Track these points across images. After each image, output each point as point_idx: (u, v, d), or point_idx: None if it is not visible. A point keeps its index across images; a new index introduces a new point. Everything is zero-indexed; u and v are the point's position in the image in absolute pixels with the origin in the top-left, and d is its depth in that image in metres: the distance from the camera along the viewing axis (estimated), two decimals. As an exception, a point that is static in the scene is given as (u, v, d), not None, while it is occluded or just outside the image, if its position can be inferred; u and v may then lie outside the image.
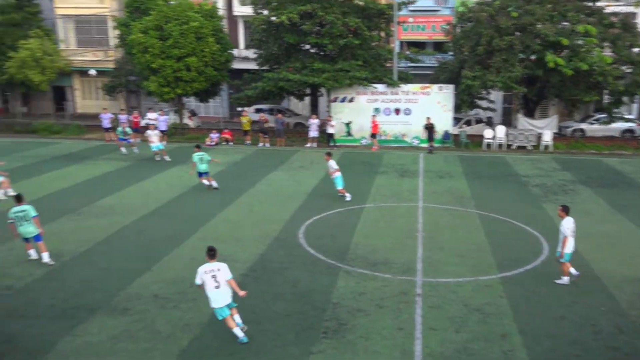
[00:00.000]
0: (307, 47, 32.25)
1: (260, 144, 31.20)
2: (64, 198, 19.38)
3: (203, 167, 20.57)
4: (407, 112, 31.06)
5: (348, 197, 19.17)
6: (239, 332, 9.77)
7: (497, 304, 11.41)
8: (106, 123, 31.67)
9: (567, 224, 12.19)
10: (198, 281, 9.71)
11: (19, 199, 13.36)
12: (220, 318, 9.83)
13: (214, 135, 31.61)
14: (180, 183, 21.78)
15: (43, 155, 27.75)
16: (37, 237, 13.23)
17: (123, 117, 31.65)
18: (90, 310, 10.91)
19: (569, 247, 12.20)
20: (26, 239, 13.27)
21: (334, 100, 31.54)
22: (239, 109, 36.29)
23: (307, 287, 12.14)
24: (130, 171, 24.08)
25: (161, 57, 31.20)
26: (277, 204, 18.82)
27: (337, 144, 30.81)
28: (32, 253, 13.45)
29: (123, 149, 28.04)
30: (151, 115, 32.34)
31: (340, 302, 11.42)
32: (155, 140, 26.30)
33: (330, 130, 30.56)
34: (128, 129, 28.73)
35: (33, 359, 9.17)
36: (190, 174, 21.18)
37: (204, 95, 34.80)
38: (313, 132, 30.88)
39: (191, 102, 41.14)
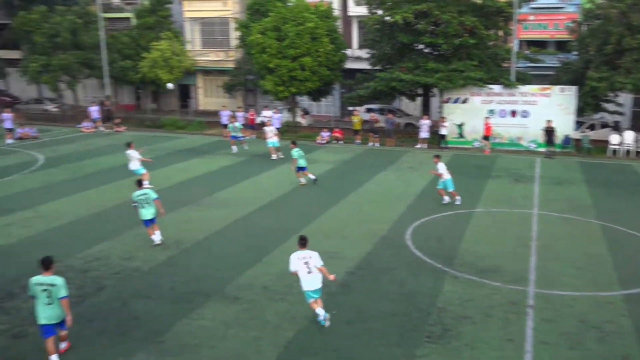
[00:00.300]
0: (421, 46, 31.78)
1: (370, 144, 31.24)
2: (186, 189, 20.64)
3: (302, 162, 21.10)
4: (525, 114, 29.63)
5: (458, 200, 18.69)
6: (321, 312, 10.24)
7: (619, 322, 10.60)
8: (225, 120, 33.25)
9: None
10: (292, 268, 10.27)
11: (139, 184, 14.72)
12: (308, 300, 10.32)
13: (325, 134, 32.09)
14: (290, 179, 22.36)
15: (168, 148, 29.71)
16: (153, 220, 14.38)
17: (240, 114, 33.08)
18: (205, 296, 11.55)
19: None
20: (147, 222, 14.34)
21: (447, 101, 30.83)
22: (350, 108, 36.55)
23: (413, 288, 12.01)
24: (245, 166, 25.12)
25: (277, 57, 32.18)
26: (385, 204, 18.77)
27: (449, 145, 30.11)
28: (155, 239, 14.48)
29: (234, 148, 28.50)
30: (266, 113, 33.48)
31: (446, 307, 11.18)
32: (271, 137, 26.95)
33: (442, 132, 29.94)
34: (238, 124, 29.14)
35: (154, 337, 9.88)
36: (292, 170, 21.67)
37: (316, 94, 35.40)
38: (424, 133, 30.41)
39: (304, 100, 42.04)
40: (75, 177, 22.49)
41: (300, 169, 21.29)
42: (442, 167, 18.70)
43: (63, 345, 9.36)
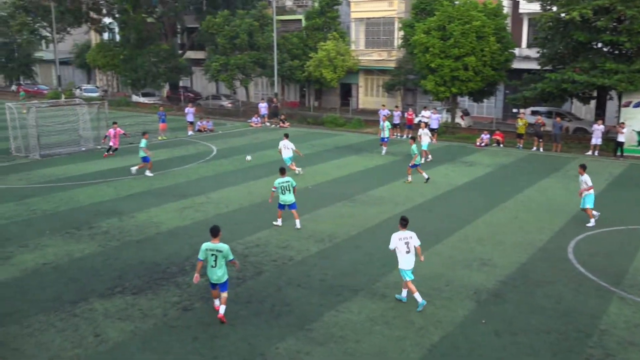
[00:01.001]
0: (599, 45, 29.13)
1: (534, 148, 29.42)
2: (341, 185, 21.20)
3: (418, 159, 21.57)
4: None
5: (595, 216, 16.26)
6: (418, 297, 10.77)
7: None
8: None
9: None
10: (392, 246, 10.88)
11: (282, 172, 15.86)
12: (405, 279, 10.91)
13: (485, 136, 30.90)
14: (445, 181, 21.91)
15: (327, 144, 30.73)
16: (293, 205, 15.51)
17: (397, 113, 33.09)
18: (353, 290, 11.79)
19: None
20: (283, 206, 15.54)
21: (627, 105, 27.92)
22: (514, 110, 34.75)
23: (572, 306, 11.12)
24: (400, 165, 25.03)
25: (440, 56, 31.69)
26: (545, 213, 17.58)
27: (625, 154, 27.27)
28: (297, 223, 15.66)
29: (384, 150, 27.86)
30: (425, 113, 33.10)
31: (610, 329, 10.18)
32: (424, 140, 26.27)
33: (620, 138, 27.20)
34: (388, 123, 28.22)
35: (303, 324, 10.32)
36: (411, 164, 21.52)
37: (478, 95, 34.30)
38: (596, 139, 27.87)
39: (465, 101, 40.85)
40: (241, 168, 24.24)
41: (414, 165, 21.43)
42: (587, 180, 16.40)
43: (222, 310, 10.30)
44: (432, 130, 31.85)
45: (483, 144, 30.55)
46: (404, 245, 10.78)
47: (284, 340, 9.73)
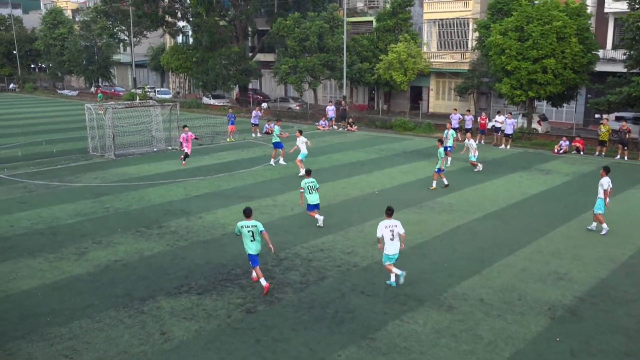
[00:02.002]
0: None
1: (617, 157, 27.96)
2: (409, 191, 20.95)
3: (443, 162, 21.40)
4: None
5: (605, 229, 15.84)
6: (397, 271, 12.04)
7: None
8: (455, 123, 32.84)
9: None
10: (379, 234, 11.87)
11: (308, 173, 16.68)
12: (385, 262, 12.12)
13: (564, 143, 29.70)
14: (519, 189, 21.19)
15: (395, 149, 30.47)
16: (318, 206, 16.32)
17: (469, 117, 32.38)
18: (419, 300, 11.59)
19: None
20: (312, 206, 16.29)
21: None
22: (597, 115, 33.17)
23: (657, 328, 10.45)
24: (471, 172, 24.49)
25: (517, 58, 30.82)
26: (629, 226, 16.65)
27: None
28: (319, 219, 16.26)
29: (448, 160, 25.35)
30: (499, 118, 32.20)
31: (701, 356, 9.49)
32: (472, 153, 24.53)
33: None
34: (452, 132, 26.14)
35: (366, 333, 10.25)
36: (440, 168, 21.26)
37: (557, 99, 33.10)
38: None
39: (542, 105, 39.44)
40: (309, 171, 24.39)
41: (439, 170, 21.19)
42: (604, 183, 15.94)
43: (264, 283, 11.85)
44: (506, 135, 31.07)
45: (561, 151, 29.37)
46: (389, 233, 11.90)
47: (346, 348, 9.70)
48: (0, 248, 14.61)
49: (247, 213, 12.05)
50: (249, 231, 11.80)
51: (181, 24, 58.01)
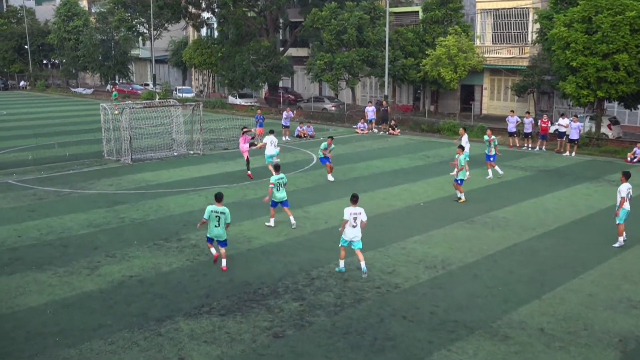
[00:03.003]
0: None
1: (703, 166, 27.17)
2: (458, 203, 20.73)
3: (462, 173, 21.05)
4: None
5: (620, 240, 16.13)
6: (342, 263, 14.17)
7: None
8: (512, 127, 32.46)
9: None
10: (346, 217, 13.68)
11: (277, 169, 17.70)
12: (340, 244, 14.00)
13: (639, 150, 29.07)
14: (587, 203, 20.77)
15: (444, 155, 30.24)
16: (285, 203, 17.47)
17: (528, 120, 31.97)
18: (469, 328, 11.44)
19: None
20: (276, 204, 17.36)
21: None
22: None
23: None
24: (531, 183, 24.13)
25: (584, 53, 30.35)
26: None
27: None
28: (292, 221, 17.54)
29: (490, 172, 24.99)
30: (562, 121, 31.66)
31: None
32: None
33: None
34: (494, 140, 24.97)
35: (408, 364, 10.18)
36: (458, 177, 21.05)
37: (630, 100, 32.44)
38: None
39: (613, 107, 38.64)
40: (345, 180, 24.42)
41: (460, 181, 20.94)
42: (622, 190, 16.11)
43: (224, 263, 14.16)
44: (571, 141, 30.55)
45: (635, 160, 28.75)
46: (352, 220, 13.71)
47: (385, 381, 9.63)
48: (7, 260, 15.03)
49: (219, 198, 14.16)
50: (216, 216, 13.93)
51: (206, 15, 58.90)
